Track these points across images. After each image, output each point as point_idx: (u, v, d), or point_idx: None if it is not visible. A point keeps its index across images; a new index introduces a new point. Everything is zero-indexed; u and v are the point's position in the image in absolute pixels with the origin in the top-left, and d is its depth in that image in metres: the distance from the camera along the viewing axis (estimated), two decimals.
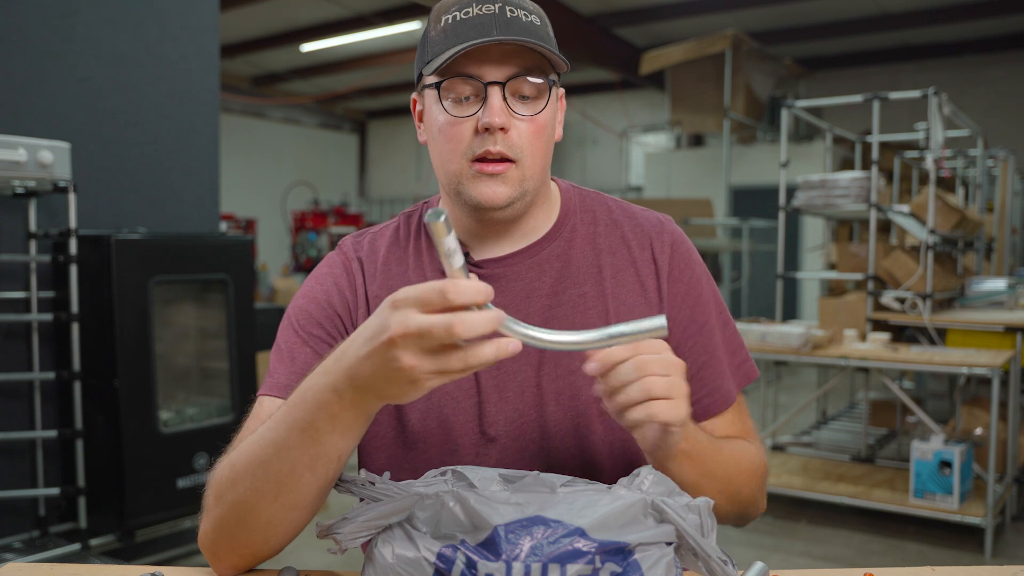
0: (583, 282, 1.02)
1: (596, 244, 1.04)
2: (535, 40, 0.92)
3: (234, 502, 0.84)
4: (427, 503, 0.73)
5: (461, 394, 0.99)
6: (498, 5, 0.93)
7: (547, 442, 0.99)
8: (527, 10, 0.95)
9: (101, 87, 3.01)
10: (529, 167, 0.95)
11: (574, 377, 0.99)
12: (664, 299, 1.03)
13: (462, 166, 0.94)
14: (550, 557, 0.69)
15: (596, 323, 1.00)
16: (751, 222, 7.95)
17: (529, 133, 0.94)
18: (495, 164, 0.94)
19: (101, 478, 2.79)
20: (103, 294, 2.74)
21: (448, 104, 0.94)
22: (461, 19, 0.92)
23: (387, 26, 8.66)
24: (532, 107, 0.95)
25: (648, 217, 1.08)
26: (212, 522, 0.87)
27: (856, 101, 4.43)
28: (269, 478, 0.80)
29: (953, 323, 4.07)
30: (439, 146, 0.97)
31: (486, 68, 0.92)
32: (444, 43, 0.93)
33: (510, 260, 1.02)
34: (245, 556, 0.88)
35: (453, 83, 0.93)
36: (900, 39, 9.09)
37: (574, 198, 1.08)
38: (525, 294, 1.01)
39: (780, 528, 3.80)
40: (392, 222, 1.11)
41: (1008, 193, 5.77)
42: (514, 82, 0.93)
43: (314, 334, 1.02)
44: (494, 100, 0.92)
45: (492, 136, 0.92)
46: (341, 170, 13.94)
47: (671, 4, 7.97)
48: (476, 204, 0.95)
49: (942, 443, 3.53)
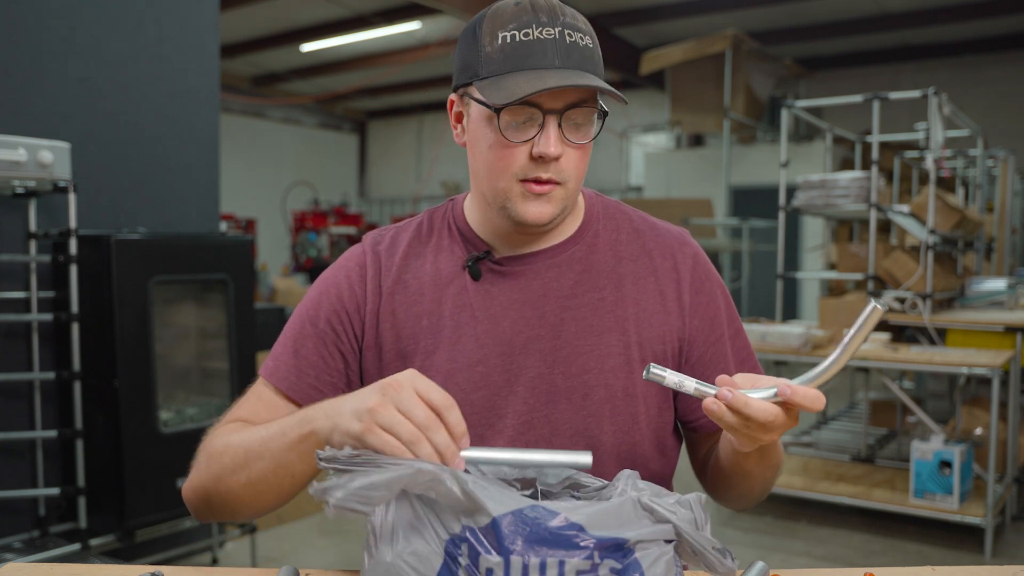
0: (602, 287, 1.04)
1: (618, 251, 1.07)
2: (594, 73, 0.95)
3: (216, 475, 0.96)
4: (423, 480, 0.72)
5: (470, 387, 1.00)
6: (558, 29, 0.93)
7: (554, 439, 1.00)
8: (583, 32, 0.95)
9: (101, 87, 3.01)
10: (573, 188, 0.99)
11: (587, 376, 1.01)
12: (685, 310, 1.05)
13: (511, 185, 0.97)
14: (549, 552, 0.69)
15: (611, 327, 1.02)
16: (751, 222, 7.95)
17: (577, 158, 0.97)
18: (543, 185, 0.96)
19: (101, 478, 2.79)
20: (103, 294, 2.74)
21: (503, 125, 0.94)
22: (520, 41, 0.92)
23: (387, 26, 8.66)
24: (583, 135, 0.97)
25: (670, 230, 1.11)
26: (196, 481, 0.99)
27: (856, 101, 4.43)
28: (243, 464, 0.93)
29: (953, 323, 4.07)
30: (488, 162, 0.97)
31: (544, 96, 0.92)
32: (502, 64, 0.93)
33: (531, 259, 1.04)
34: (218, 515, 1.01)
35: (510, 111, 0.93)
36: (900, 39, 9.08)
37: (597, 205, 1.11)
38: (543, 293, 1.03)
39: (780, 528, 3.80)
40: (417, 217, 1.13)
41: (1008, 193, 5.77)
42: (568, 113, 0.94)
43: (320, 328, 1.05)
44: (551, 130, 0.93)
45: (545, 164, 0.94)
46: (341, 170, 13.94)
47: (671, 4, 7.97)
48: (521, 221, 0.98)
49: (942, 443, 3.53)
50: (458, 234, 1.07)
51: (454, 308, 1.03)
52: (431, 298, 1.04)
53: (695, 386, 0.85)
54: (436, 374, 1.00)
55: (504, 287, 1.03)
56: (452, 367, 1.01)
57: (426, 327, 1.03)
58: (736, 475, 1.01)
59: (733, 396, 0.82)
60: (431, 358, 1.02)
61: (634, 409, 1.02)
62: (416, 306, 1.04)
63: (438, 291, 1.04)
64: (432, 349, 1.02)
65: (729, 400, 0.82)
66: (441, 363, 1.01)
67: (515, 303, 1.02)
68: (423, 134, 13.47)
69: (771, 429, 0.84)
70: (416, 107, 13.24)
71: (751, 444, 0.88)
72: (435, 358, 1.02)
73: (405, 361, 1.03)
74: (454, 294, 1.03)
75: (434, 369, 1.01)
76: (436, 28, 8.68)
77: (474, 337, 1.01)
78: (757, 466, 0.98)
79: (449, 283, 1.04)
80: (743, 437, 0.86)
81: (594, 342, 1.01)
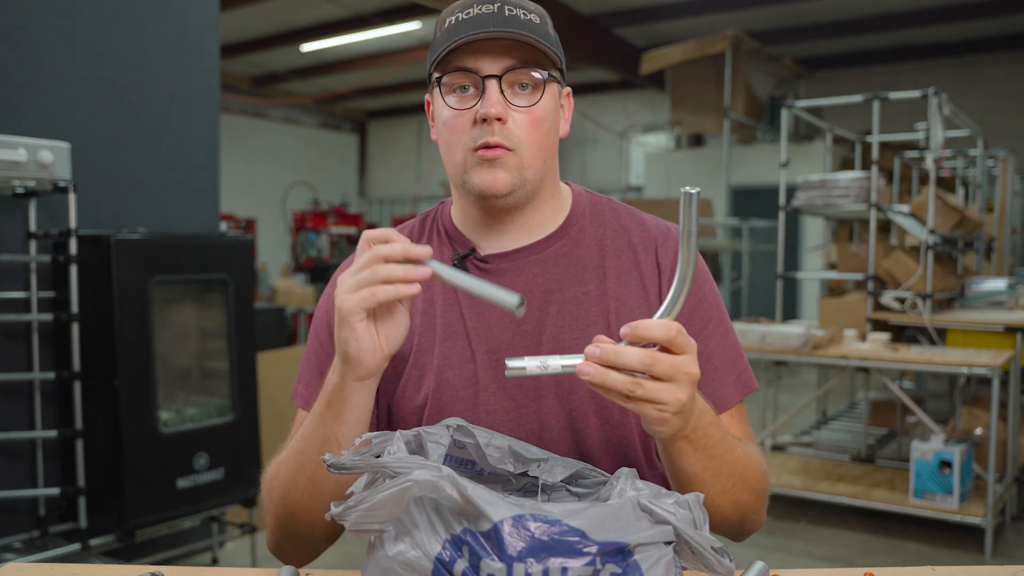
0: (587, 281, 1.04)
1: (603, 246, 1.07)
2: (529, 34, 0.96)
3: (280, 496, 0.96)
4: (423, 488, 0.72)
5: (460, 384, 1.02)
6: (497, 5, 0.97)
7: (544, 434, 1.01)
8: (526, 9, 0.99)
9: (101, 87, 3.01)
10: (527, 156, 0.99)
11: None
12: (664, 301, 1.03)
13: (465, 156, 0.99)
14: (551, 558, 0.69)
15: (595, 320, 1.03)
16: (751, 222, 7.95)
17: (526, 124, 0.98)
18: (494, 150, 0.97)
19: (101, 478, 2.78)
20: (103, 294, 2.74)
21: (451, 99, 0.99)
22: (463, 19, 0.97)
23: (387, 26, 8.66)
24: (529, 99, 0.98)
25: (656, 224, 1.10)
26: (271, 520, 0.99)
27: (856, 101, 4.43)
28: (296, 466, 0.93)
29: (953, 323, 4.07)
30: (444, 139, 1.01)
31: (483, 62, 0.97)
32: (445, 41, 0.97)
33: (515, 255, 1.05)
34: (303, 547, 0.99)
35: (453, 77, 0.98)
36: (900, 39, 9.09)
37: (584, 200, 1.11)
38: (528, 289, 1.04)
39: (780, 528, 3.80)
40: (412, 221, 1.15)
41: (1008, 193, 5.77)
42: (511, 75, 0.97)
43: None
44: (491, 92, 0.96)
45: (490, 127, 0.96)
46: (341, 170, 13.94)
47: (671, 4, 7.97)
48: (479, 192, 0.99)
49: (942, 443, 3.52)
50: (445, 234, 1.10)
51: (444, 307, 1.05)
52: (423, 298, 1.06)
53: (561, 363, 0.78)
54: (429, 371, 1.03)
55: None
56: (443, 363, 1.03)
57: (419, 326, 1.05)
58: (684, 483, 0.90)
59: (602, 350, 0.77)
60: (424, 356, 1.04)
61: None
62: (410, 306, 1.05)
63: (429, 291, 1.06)
64: (426, 347, 1.04)
65: (600, 355, 0.76)
66: (434, 361, 1.03)
67: None
68: (423, 134, 13.46)
69: (662, 396, 0.77)
70: (416, 107, 13.24)
71: (662, 424, 0.80)
72: (428, 356, 1.04)
73: (402, 359, 1.04)
74: (443, 293, 1.05)
75: (427, 367, 1.03)
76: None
77: (463, 335, 1.03)
78: (705, 468, 0.89)
79: (438, 282, 1.05)
80: (645, 409, 0.79)
81: (579, 335, 1.01)
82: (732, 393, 1.05)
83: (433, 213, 1.14)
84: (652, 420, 0.80)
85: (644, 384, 0.77)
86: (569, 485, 0.92)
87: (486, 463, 0.87)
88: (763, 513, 1.03)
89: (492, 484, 0.91)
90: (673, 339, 0.78)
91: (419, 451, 0.85)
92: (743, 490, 0.95)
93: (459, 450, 0.88)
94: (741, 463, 0.94)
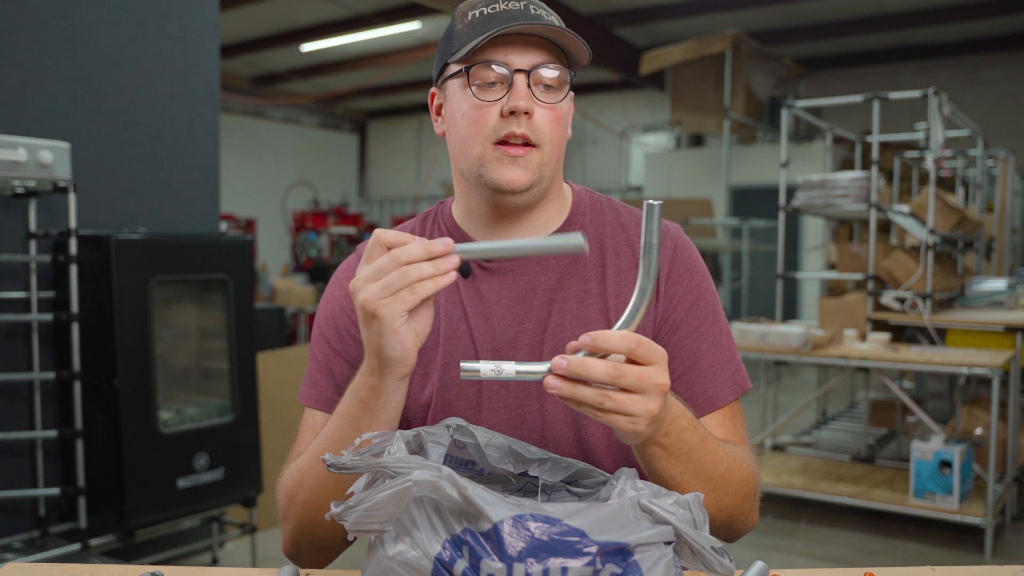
0: (588, 278, 1.05)
1: (603, 244, 1.07)
2: (564, 29, 0.97)
3: (304, 501, 0.94)
4: (423, 488, 0.72)
5: (464, 381, 1.02)
6: (523, 3, 0.99)
7: (547, 432, 1.01)
8: (547, 10, 1.01)
9: (101, 87, 3.01)
10: (548, 153, 1.00)
11: None
12: (660, 301, 1.04)
13: (485, 149, 0.98)
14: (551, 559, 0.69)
15: (596, 318, 1.03)
16: (751, 222, 7.95)
17: (550, 120, 0.99)
18: (518, 148, 0.98)
19: (101, 478, 2.79)
20: (103, 294, 2.74)
21: (475, 90, 0.98)
22: (488, 14, 0.98)
23: (387, 26, 8.66)
24: (553, 96, 1.00)
25: None
26: (290, 525, 0.98)
27: (856, 101, 4.43)
28: (324, 471, 0.89)
29: (953, 323, 4.07)
30: (462, 131, 1.00)
31: (513, 56, 0.97)
32: (471, 34, 0.98)
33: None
34: (323, 550, 0.99)
35: (480, 69, 0.98)
36: (900, 39, 9.09)
37: (585, 199, 1.11)
38: (530, 287, 1.04)
39: (780, 528, 3.80)
40: (413, 220, 1.15)
41: (1008, 193, 5.77)
42: (537, 72, 0.98)
43: (345, 343, 1.07)
44: (520, 85, 0.97)
45: (517, 119, 0.97)
46: (341, 170, 13.94)
47: (671, 4, 7.97)
48: (497, 187, 0.99)
49: (942, 443, 3.53)
50: (447, 232, 1.10)
51: (447, 305, 1.05)
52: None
53: (516, 369, 0.76)
54: (433, 369, 1.03)
55: (493, 283, 1.05)
56: (447, 362, 1.03)
57: None
58: (663, 486, 0.87)
59: (569, 362, 0.75)
60: (429, 354, 1.04)
61: None
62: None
63: None
64: (430, 345, 1.04)
65: (567, 367, 0.75)
66: (438, 359, 1.04)
67: (503, 299, 1.04)
68: (423, 134, 13.47)
69: (631, 408, 0.76)
70: (416, 107, 13.24)
71: (633, 435, 0.80)
72: (432, 354, 1.04)
73: None
74: (446, 292, 1.05)
75: (432, 365, 1.04)
76: (436, 28, 8.68)
77: (467, 332, 1.04)
78: (682, 472, 0.88)
79: None
80: (615, 421, 0.78)
81: (580, 332, 1.01)
82: (725, 393, 1.05)
83: (434, 212, 1.14)
84: (623, 431, 0.80)
85: (613, 396, 0.76)
86: (569, 485, 0.92)
87: (486, 463, 0.87)
88: (754, 514, 1.02)
89: (492, 484, 0.92)
90: (633, 351, 0.77)
91: (419, 451, 0.85)
92: (727, 492, 0.95)
93: (459, 450, 0.88)
94: (724, 466, 0.93)
